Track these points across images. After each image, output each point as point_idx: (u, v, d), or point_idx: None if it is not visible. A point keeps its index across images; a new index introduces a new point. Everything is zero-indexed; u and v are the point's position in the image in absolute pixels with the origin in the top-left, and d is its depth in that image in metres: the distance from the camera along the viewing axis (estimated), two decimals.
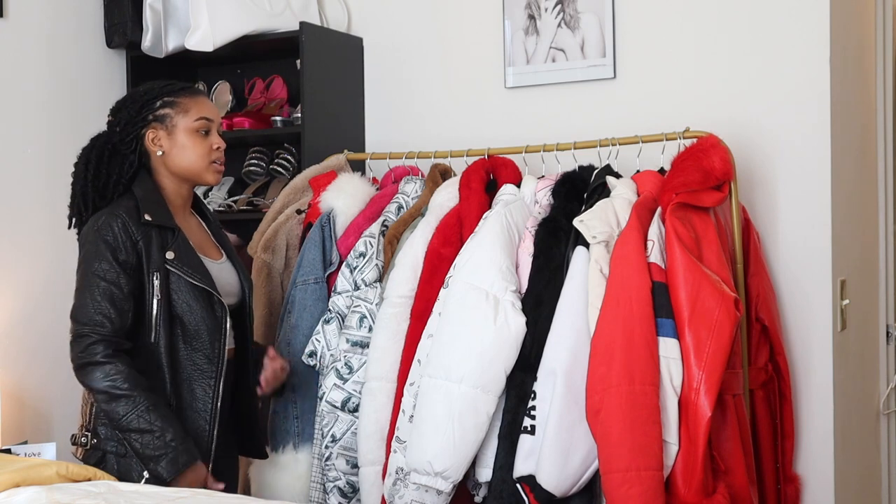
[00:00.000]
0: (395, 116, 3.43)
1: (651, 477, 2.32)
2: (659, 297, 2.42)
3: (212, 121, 2.48)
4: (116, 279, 2.30)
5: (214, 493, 2.03)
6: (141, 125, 2.44)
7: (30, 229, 3.17)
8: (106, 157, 2.45)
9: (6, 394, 2.99)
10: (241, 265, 2.61)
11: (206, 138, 2.46)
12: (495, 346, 2.46)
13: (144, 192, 2.41)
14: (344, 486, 2.76)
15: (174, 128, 2.44)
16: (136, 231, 2.34)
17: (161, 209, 2.40)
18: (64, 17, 3.31)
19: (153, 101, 2.45)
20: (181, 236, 2.40)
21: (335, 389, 2.76)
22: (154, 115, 2.44)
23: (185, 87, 2.52)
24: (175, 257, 2.36)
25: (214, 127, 2.48)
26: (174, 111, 2.44)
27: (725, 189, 2.60)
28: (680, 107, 2.98)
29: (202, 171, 2.46)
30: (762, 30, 2.93)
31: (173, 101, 2.45)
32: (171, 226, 2.40)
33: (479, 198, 2.76)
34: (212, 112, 2.49)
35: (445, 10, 3.37)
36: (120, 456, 2.32)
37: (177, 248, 2.37)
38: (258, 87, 3.55)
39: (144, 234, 2.34)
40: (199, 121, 2.45)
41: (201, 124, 2.45)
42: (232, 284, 2.53)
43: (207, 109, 2.48)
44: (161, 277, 2.34)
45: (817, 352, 2.89)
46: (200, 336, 2.38)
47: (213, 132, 2.48)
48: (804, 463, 2.89)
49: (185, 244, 2.40)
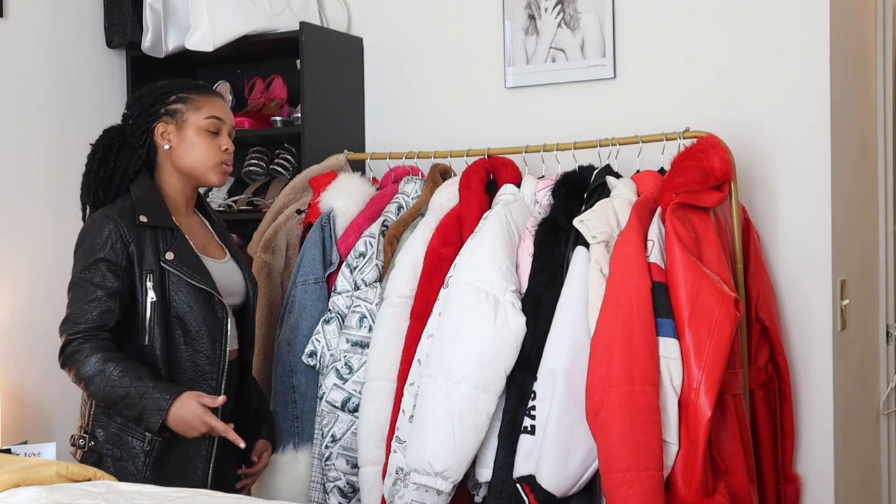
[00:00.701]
0: (395, 116, 3.43)
1: (651, 477, 2.32)
2: (659, 297, 2.42)
3: (223, 121, 2.45)
4: (102, 282, 2.28)
5: (214, 493, 2.03)
6: (152, 118, 2.42)
7: (30, 229, 3.17)
8: (115, 149, 2.43)
9: (6, 394, 2.99)
10: (245, 265, 2.59)
11: (214, 138, 2.43)
12: (495, 346, 2.46)
13: (142, 193, 2.38)
14: (344, 486, 2.76)
15: (184, 123, 2.41)
16: (129, 233, 2.31)
17: (158, 209, 2.38)
18: (64, 17, 3.31)
19: (167, 96, 2.43)
20: (180, 236, 2.37)
21: (335, 389, 2.76)
22: (166, 108, 2.42)
23: (203, 86, 2.51)
24: (174, 258, 2.34)
25: (225, 128, 2.46)
26: (186, 107, 2.42)
27: (725, 189, 2.60)
28: (680, 107, 2.98)
29: (207, 171, 2.43)
30: (762, 30, 2.93)
31: (187, 97, 2.43)
32: (170, 226, 2.37)
33: (479, 198, 2.76)
34: (224, 113, 2.47)
35: (445, 10, 3.37)
36: (116, 459, 2.30)
37: (176, 249, 2.35)
38: (258, 87, 3.55)
39: (137, 236, 2.32)
40: (209, 119, 2.42)
41: (211, 123, 2.42)
42: (236, 284, 2.51)
43: (220, 110, 2.46)
44: (155, 279, 2.31)
45: (817, 352, 2.89)
46: (201, 337, 2.35)
47: (224, 134, 2.46)
48: (804, 463, 2.89)
49: (185, 244, 2.37)
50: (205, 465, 2.37)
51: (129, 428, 2.30)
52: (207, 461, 2.37)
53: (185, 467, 2.35)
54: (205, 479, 2.36)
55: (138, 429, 2.29)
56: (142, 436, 2.30)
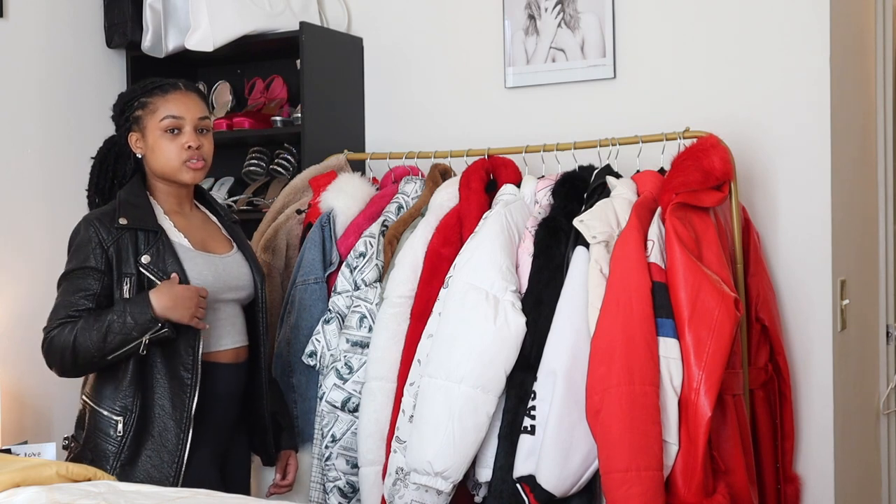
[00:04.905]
0: (395, 116, 3.43)
1: (651, 477, 2.32)
2: (659, 297, 2.42)
3: (180, 118, 2.37)
4: (81, 285, 2.28)
5: (214, 493, 2.02)
6: (126, 128, 2.43)
7: (29, 229, 3.17)
8: (111, 159, 2.46)
9: (6, 394, 2.99)
10: (254, 258, 2.55)
11: (175, 137, 2.37)
12: (495, 346, 2.46)
13: (126, 195, 2.37)
14: (344, 486, 2.76)
15: (146, 129, 2.39)
16: (107, 237, 2.29)
17: (140, 211, 2.35)
18: (64, 17, 3.31)
19: (131, 103, 2.42)
20: (163, 238, 2.34)
21: (335, 389, 2.76)
22: (132, 116, 2.41)
23: (160, 84, 2.42)
24: (150, 261, 2.31)
25: (186, 124, 2.38)
26: (145, 112, 2.39)
27: (725, 189, 2.60)
28: (680, 107, 2.98)
29: (175, 172, 2.38)
30: (762, 30, 2.93)
31: (146, 101, 2.40)
32: (152, 227, 2.34)
33: (479, 198, 2.76)
34: (182, 109, 2.38)
35: (445, 10, 3.37)
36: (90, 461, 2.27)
37: (154, 251, 2.31)
38: (258, 87, 3.55)
39: (116, 240, 2.30)
40: (165, 120, 2.37)
41: (168, 123, 2.37)
42: (241, 278, 2.47)
43: (176, 107, 2.38)
44: (132, 283, 2.29)
45: (817, 352, 2.89)
46: (176, 342, 2.30)
47: (186, 130, 2.38)
48: (804, 463, 2.89)
49: (167, 246, 2.33)
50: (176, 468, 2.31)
51: (99, 430, 2.30)
52: (180, 465, 2.31)
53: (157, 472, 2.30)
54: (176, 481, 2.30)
55: (106, 432, 2.29)
56: (111, 439, 2.28)
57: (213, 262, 2.42)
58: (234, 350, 2.46)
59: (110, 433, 2.30)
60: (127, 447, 2.29)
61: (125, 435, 2.29)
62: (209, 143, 2.44)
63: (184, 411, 2.31)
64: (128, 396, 2.30)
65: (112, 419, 2.30)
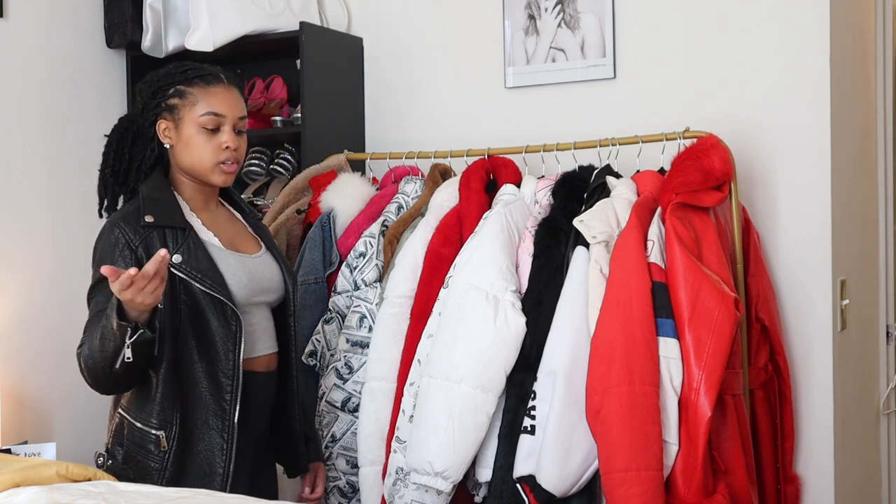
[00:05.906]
0: (395, 116, 3.43)
1: (651, 477, 2.32)
2: (659, 297, 2.42)
3: (222, 116, 2.23)
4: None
5: (213, 493, 2.02)
6: (155, 112, 2.25)
7: (30, 229, 3.16)
8: (129, 141, 2.27)
9: (6, 394, 2.99)
10: (283, 258, 2.41)
11: (213, 136, 2.23)
12: (495, 346, 2.46)
13: (150, 191, 2.22)
14: (344, 486, 2.76)
15: (181, 121, 2.23)
16: (134, 236, 2.14)
17: (167, 207, 2.20)
18: (63, 17, 3.31)
19: (167, 88, 2.25)
20: (192, 236, 2.19)
21: (335, 389, 2.76)
22: (166, 103, 2.24)
23: (203, 73, 2.26)
24: (183, 260, 2.15)
25: (227, 123, 2.24)
26: (182, 102, 2.23)
27: (725, 189, 2.60)
28: (680, 107, 2.98)
29: (207, 172, 2.24)
30: (762, 30, 2.93)
31: (184, 90, 2.23)
32: (180, 225, 2.19)
33: (479, 198, 2.76)
34: (224, 106, 2.24)
35: (445, 10, 3.37)
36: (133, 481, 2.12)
37: (186, 250, 2.16)
38: (258, 87, 3.54)
39: (144, 239, 2.15)
40: (205, 116, 2.22)
41: (208, 120, 2.22)
42: (271, 280, 2.33)
43: (219, 103, 2.23)
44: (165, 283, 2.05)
45: (817, 352, 2.89)
46: (214, 346, 2.16)
47: (225, 129, 2.24)
48: (804, 463, 2.89)
49: (197, 244, 2.19)
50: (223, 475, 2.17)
51: (139, 447, 2.16)
52: (225, 477, 2.17)
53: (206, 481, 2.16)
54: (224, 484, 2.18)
55: (147, 448, 2.16)
56: (153, 455, 2.15)
57: (245, 262, 2.28)
58: (266, 357, 2.33)
59: (151, 449, 2.15)
60: (171, 463, 2.14)
61: (168, 449, 2.14)
62: (244, 144, 2.30)
63: (225, 420, 2.16)
64: (166, 409, 2.14)
65: (151, 434, 2.15)
